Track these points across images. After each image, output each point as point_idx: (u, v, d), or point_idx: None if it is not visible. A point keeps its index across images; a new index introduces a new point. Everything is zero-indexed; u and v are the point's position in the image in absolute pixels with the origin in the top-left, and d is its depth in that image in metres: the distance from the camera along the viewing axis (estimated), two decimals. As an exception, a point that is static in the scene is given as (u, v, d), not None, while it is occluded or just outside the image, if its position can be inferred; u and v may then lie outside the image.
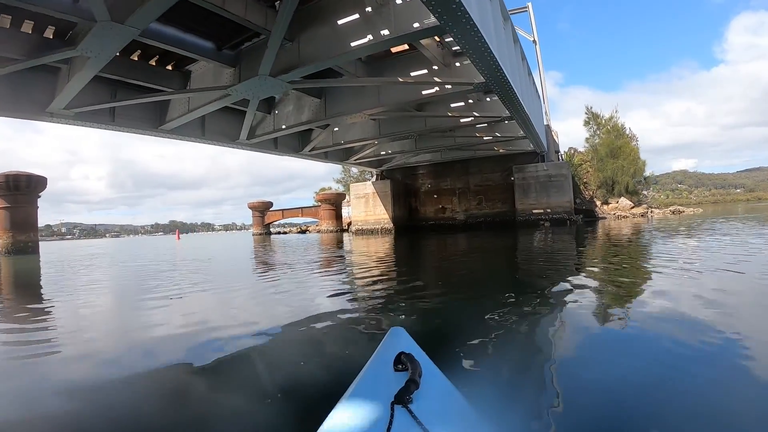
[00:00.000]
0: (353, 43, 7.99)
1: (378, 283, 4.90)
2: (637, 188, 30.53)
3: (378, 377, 0.99)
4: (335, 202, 35.05)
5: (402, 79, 10.50)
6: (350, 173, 40.72)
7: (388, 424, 0.73)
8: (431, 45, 10.49)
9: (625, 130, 32.23)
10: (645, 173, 32.61)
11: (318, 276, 6.11)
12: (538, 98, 20.93)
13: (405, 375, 0.90)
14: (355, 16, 8.11)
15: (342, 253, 10.52)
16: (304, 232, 41.07)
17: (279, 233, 42.27)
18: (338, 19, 8.24)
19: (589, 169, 30.82)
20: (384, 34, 7.75)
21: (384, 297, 3.98)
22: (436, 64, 11.00)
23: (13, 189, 19.08)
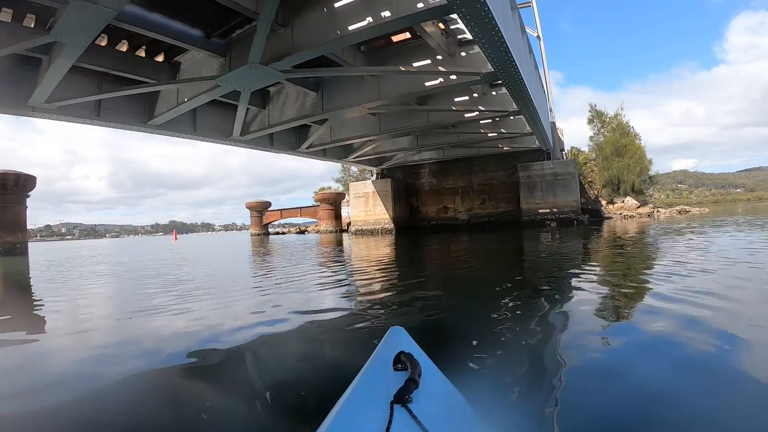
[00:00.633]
0: (351, 27, 7.31)
1: (378, 284, 4.85)
2: (642, 187, 29.89)
3: (377, 376, 0.95)
4: (334, 201, 34.30)
5: (404, 68, 9.81)
6: (350, 172, 40.05)
7: (387, 424, 0.71)
8: (435, 33, 9.83)
9: (630, 129, 31.59)
10: (650, 172, 31.92)
11: (318, 276, 6.05)
12: (544, 94, 20.27)
13: (404, 374, 0.86)
14: (353, -3, 7.44)
15: (342, 254, 9.93)
16: (303, 232, 40.57)
17: (278, 233, 41.79)
18: (335, 1, 7.57)
19: (594, 168, 30.18)
20: (385, 16, 7.07)
21: (384, 297, 3.96)
22: (441, 54, 10.34)
23: (0, 188, 18.44)
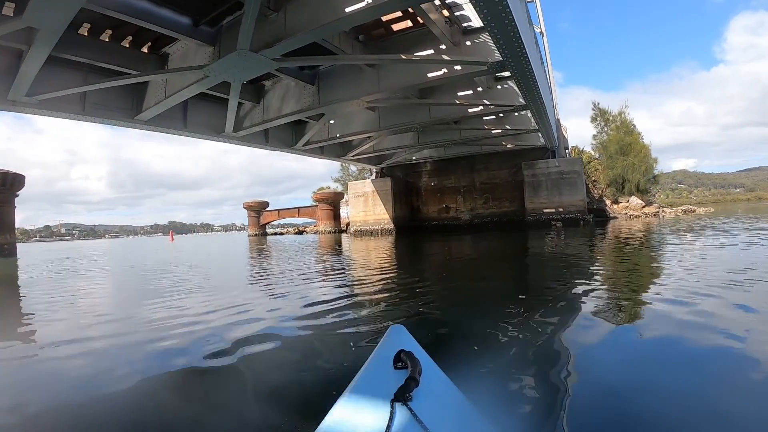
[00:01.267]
0: (348, 9, 6.68)
1: (378, 283, 4.81)
2: (647, 186, 29.27)
3: (378, 375, 0.96)
4: (333, 201, 33.66)
5: (405, 56, 9.17)
6: (349, 171, 39.46)
7: (388, 422, 0.72)
8: (439, 20, 9.20)
9: (634, 127, 30.95)
10: (654, 171, 31.29)
11: (317, 276, 5.99)
12: (549, 89, 19.65)
13: (405, 373, 0.88)
14: (350, -25, 6.79)
15: (341, 256, 9.33)
16: (301, 233, 39.97)
17: (276, 234, 41.24)
18: (331, -19, 6.94)
19: (598, 167, 29.57)
20: (385, -5, 6.44)
21: (384, 297, 3.95)
22: (444, 43, 9.71)
23: (-13, 187, 17.87)
